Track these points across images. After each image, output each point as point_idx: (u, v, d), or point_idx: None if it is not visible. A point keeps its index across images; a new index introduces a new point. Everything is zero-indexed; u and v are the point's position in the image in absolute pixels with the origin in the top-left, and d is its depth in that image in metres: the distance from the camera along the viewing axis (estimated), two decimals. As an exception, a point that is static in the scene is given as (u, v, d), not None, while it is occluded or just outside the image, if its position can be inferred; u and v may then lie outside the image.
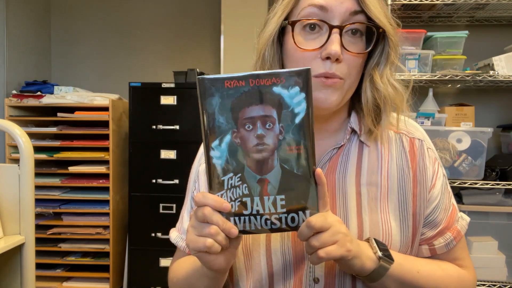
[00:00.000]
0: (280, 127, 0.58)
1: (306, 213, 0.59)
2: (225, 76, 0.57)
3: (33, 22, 3.08)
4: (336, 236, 0.60)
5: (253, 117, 0.57)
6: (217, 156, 0.59)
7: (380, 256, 0.66)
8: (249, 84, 0.57)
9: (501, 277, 2.02)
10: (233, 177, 0.59)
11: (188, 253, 0.82)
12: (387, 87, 0.71)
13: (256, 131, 0.58)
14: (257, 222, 0.60)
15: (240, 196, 0.59)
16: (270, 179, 0.59)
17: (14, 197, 1.39)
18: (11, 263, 1.40)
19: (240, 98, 0.57)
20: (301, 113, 0.57)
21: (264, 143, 0.58)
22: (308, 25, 0.69)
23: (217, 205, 0.58)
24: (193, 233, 0.60)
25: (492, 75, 1.98)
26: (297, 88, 0.57)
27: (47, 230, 2.70)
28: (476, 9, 2.21)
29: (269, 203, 0.59)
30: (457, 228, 0.77)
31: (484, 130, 2.00)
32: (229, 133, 0.58)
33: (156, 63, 3.24)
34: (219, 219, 0.58)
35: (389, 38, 0.70)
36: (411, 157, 0.75)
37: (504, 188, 2.01)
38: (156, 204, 2.61)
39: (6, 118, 2.65)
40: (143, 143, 2.65)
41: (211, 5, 3.15)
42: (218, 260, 0.61)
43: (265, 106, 0.57)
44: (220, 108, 0.57)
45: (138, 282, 2.68)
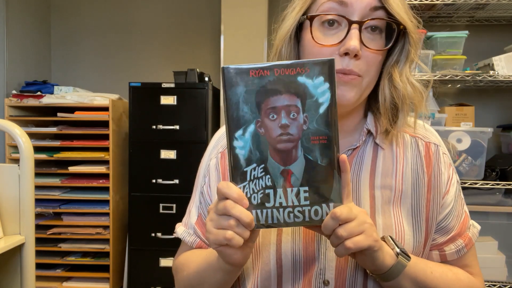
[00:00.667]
0: (304, 117, 0.57)
1: (330, 205, 0.58)
2: (250, 66, 0.57)
3: (33, 22, 3.08)
4: (363, 226, 0.59)
5: (277, 107, 0.57)
6: (240, 146, 0.58)
7: (398, 252, 0.66)
8: (274, 74, 0.56)
9: (501, 277, 2.02)
10: (256, 168, 0.58)
11: (196, 247, 0.81)
12: (406, 85, 0.70)
13: (280, 121, 0.57)
14: (280, 215, 0.58)
15: (263, 188, 0.58)
16: (294, 170, 0.58)
17: (14, 197, 1.38)
18: (11, 263, 1.40)
19: (265, 88, 0.57)
20: (325, 103, 0.57)
21: (288, 133, 0.57)
22: (327, 20, 0.67)
23: (239, 199, 0.57)
24: (212, 225, 0.59)
25: (492, 75, 1.98)
26: (322, 78, 0.57)
27: (47, 230, 2.70)
28: (476, 9, 2.21)
29: (292, 195, 0.58)
30: (469, 236, 0.77)
31: (484, 130, 2.00)
32: (253, 122, 0.57)
33: (156, 63, 3.24)
34: (238, 212, 0.57)
35: (409, 35, 0.69)
36: (426, 161, 0.74)
37: (504, 188, 2.01)
38: (156, 204, 2.61)
39: (6, 118, 2.65)
40: (143, 143, 2.65)
41: (211, 5, 3.15)
42: (237, 253, 0.60)
43: (289, 95, 0.57)
44: (245, 98, 0.57)
45: (138, 282, 2.68)
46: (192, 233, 0.81)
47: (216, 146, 0.82)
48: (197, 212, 0.82)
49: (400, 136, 0.75)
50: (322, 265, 0.70)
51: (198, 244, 0.80)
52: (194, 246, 0.81)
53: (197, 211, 0.82)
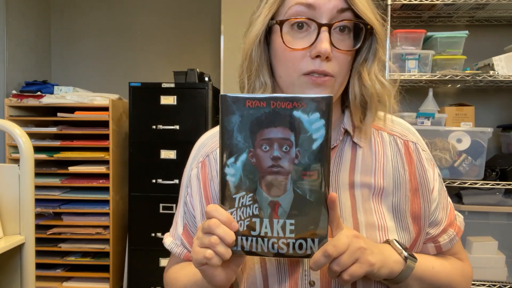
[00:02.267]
0: (296, 151, 0.57)
1: (315, 241, 0.58)
2: (247, 96, 0.57)
3: (33, 22, 3.08)
4: (355, 255, 0.59)
5: (271, 139, 0.57)
6: (231, 174, 0.58)
7: (406, 256, 0.66)
8: (270, 106, 0.57)
9: (501, 277, 2.03)
10: (245, 196, 0.59)
11: (184, 259, 0.82)
12: (375, 83, 0.71)
13: (272, 153, 0.57)
14: (264, 244, 0.59)
15: (249, 216, 0.59)
16: (282, 202, 0.58)
17: (14, 197, 1.38)
18: (11, 263, 1.40)
19: (260, 119, 0.57)
20: (319, 139, 0.57)
21: (279, 165, 0.58)
22: (296, 23, 0.68)
23: (227, 222, 0.58)
24: (197, 244, 0.60)
25: (492, 75, 1.99)
26: (318, 114, 0.56)
27: (47, 230, 2.70)
28: (476, 9, 2.21)
29: (278, 226, 0.59)
30: (458, 225, 0.80)
31: (484, 130, 2.00)
32: (245, 151, 0.58)
33: (156, 63, 3.24)
34: (222, 231, 0.57)
35: (376, 35, 0.70)
36: (407, 159, 0.75)
37: (504, 188, 2.01)
38: (156, 204, 2.61)
39: (6, 118, 2.65)
40: (143, 143, 2.65)
41: (211, 5, 3.15)
42: (218, 275, 0.60)
43: (283, 129, 0.57)
44: (239, 127, 0.57)
45: (138, 282, 2.68)
46: (180, 244, 0.82)
47: (196, 156, 0.82)
48: (183, 222, 0.82)
49: (378, 134, 0.76)
50: (306, 266, 0.70)
51: (185, 255, 0.81)
52: (182, 257, 0.81)
53: (182, 222, 0.82)
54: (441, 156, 1.99)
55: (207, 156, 0.80)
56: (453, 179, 2.01)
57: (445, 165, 2.00)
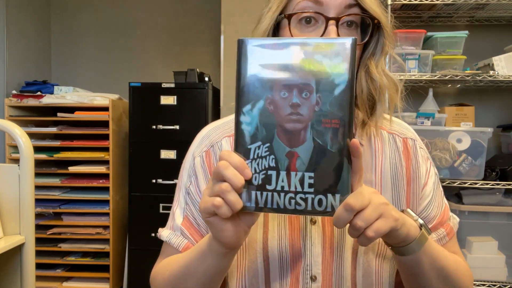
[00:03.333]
0: (317, 97, 0.53)
1: (336, 197, 0.54)
2: (266, 41, 0.55)
3: (33, 22, 3.08)
4: (379, 209, 0.55)
5: (290, 84, 0.54)
6: (247, 122, 0.55)
7: (422, 223, 0.64)
8: (290, 50, 0.54)
9: (501, 277, 2.02)
10: (261, 146, 0.55)
11: (182, 251, 0.75)
12: (382, 77, 0.71)
13: (291, 99, 0.54)
14: (281, 200, 0.54)
15: (265, 169, 0.55)
16: (300, 153, 0.54)
17: (14, 197, 1.38)
18: (11, 263, 1.40)
19: (279, 64, 0.54)
20: (341, 84, 0.53)
21: (299, 112, 0.53)
22: (304, 18, 0.69)
23: (239, 167, 0.53)
24: (206, 194, 0.56)
25: (492, 75, 1.98)
26: (340, 57, 0.53)
27: (47, 230, 2.70)
28: (476, 9, 2.21)
29: (295, 180, 0.54)
30: (450, 225, 0.79)
31: (484, 130, 2.00)
32: (262, 98, 0.54)
33: (156, 63, 3.24)
34: (231, 173, 0.53)
35: (384, 29, 0.71)
36: (404, 156, 0.77)
37: (504, 188, 2.00)
38: (156, 204, 2.61)
39: (6, 118, 2.65)
40: (143, 143, 2.65)
41: (211, 5, 3.14)
42: (228, 230, 0.56)
43: (304, 73, 0.53)
44: (257, 72, 0.54)
45: (138, 282, 2.68)
46: (179, 235, 0.78)
47: (200, 145, 0.80)
48: (183, 214, 0.78)
49: (378, 133, 0.77)
50: (308, 260, 0.71)
51: (185, 245, 0.76)
52: (180, 249, 0.76)
53: (182, 213, 0.78)
54: (441, 156, 1.99)
55: (212, 146, 0.78)
56: (453, 179, 2.01)
57: (445, 165, 2.00)
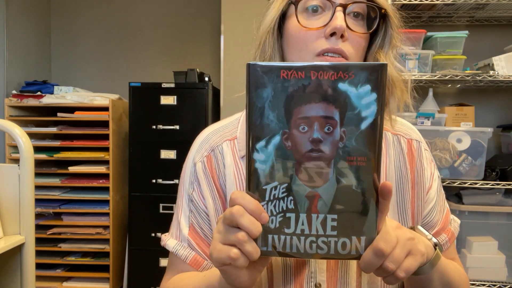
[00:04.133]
0: (341, 132, 0.48)
1: (362, 239, 0.49)
2: (281, 65, 0.48)
3: (33, 22, 3.08)
4: (407, 246, 0.51)
5: (310, 117, 0.48)
6: (261, 160, 0.49)
7: (436, 242, 0.61)
8: (310, 77, 0.47)
9: (501, 277, 2.02)
10: (278, 187, 0.49)
11: (189, 264, 0.73)
12: (393, 70, 0.70)
13: (312, 135, 0.48)
14: (300, 244, 0.50)
15: (283, 211, 0.50)
16: (322, 194, 0.49)
17: (14, 197, 1.38)
18: (11, 263, 1.40)
19: (297, 93, 0.47)
20: (369, 118, 0.48)
21: (320, 149, 0.48)
22: (311, 6, 0.68)
23: (256, 211, 0.49)
24: (218, 239, 0.51)
25: (492, 75, 1.98)
26: (368, 86, 0.47)
27: (47, 230, 2.70)
28: (476, 9, 2.21)
29: (317, 222, 0.50)
30: (451, 230, 0.78)
31: (484, 130, 2.00)
32: (279, 133, 0.49)
33: (156, 63, 3.24)
34: (247, 221, 0.48)
35: (391, 19, 0.70)
36: (409, 158, 0.75)
37: (504, 188, 2.00)
38: (156, 204, 2.61)
39: (6, 118, 2.65)
40: (143, 143, 2.65)
41: (211, 5, 3.15)
42: (243, 276, 0.52)
43: (326, 105, 0.48)
44: (272, 103, 0.48)
45: (138, 282, 2.68)
46: (187, 246, 0.73)
47: (199, 150, 0.76)
48: (188, 222, 0.74)
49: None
50: (312, 268, 0.69)
51: (193, 257, 0.73)
52: (188, 261, 0.73)
53: (187, 222, 0.74)
54: (441, 156, 1.99)
55: (212, 150, 0.75)
56: (453, 179, 2.01)
57: (445, 165, 2.00)
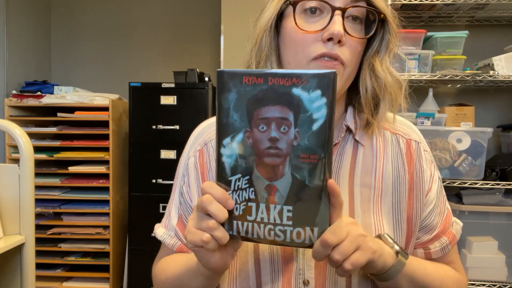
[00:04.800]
0: (295, 132, 0.54)
1: (314, 230, 0.55)
2: (243, 72, 0.54)
3: (33, 22, 3.08)
4: (356, 241, 0.56)
5: (268, 118, 0.54)
6: (227, 154, 0.56)
7: (398, 250, 0.64)
8: (268, 83, 0.53)
9: (501, 277, 2.02)
10: (241, 178, 0.56)
11: (176, 251, 0.79)
12: (387, 75, 0.70)
13: (269, 134, 0.54)
14: (260, 230, 0.56)
15: (245, 200, 0.56)
16: (279, 186, 0.55)
17: (14, 197, 1.38)
18: (11, 263, 1.40)
19: (257, 96, 0.54)
20: (320, 120, 0.53)
21: (277, 147, 0.54)
22: (309, 8, 0.68)
23: (222, 199, 0.55)
24: (192, 225, 0.57)
25: (492, 75, 1.98)
26: (319, 91, 0.52)
27: (47, 230, 2.70)
28: (476, 9, 2.21)
29: (275, 212, 0.55)
30: (453, 233, 0.77)
31: (484, 130, 2.00)
32: (241, 131, 0.55)
33: (156, 63, 3.24)
34: (215, 208, 0.54)
35: (389, 25, 0.70)
36: (407, 159, 0.74)
37: (504, 188, 2.00)
38: (156, 204, 2.61)
39: (6, 118, 2.65)
40: (143, 143, 2.65)
41: (211, 5, 3.15)
42: (214, 258, 0.58)
43: (282, 107, 0.53)
44: (236, 105, 0.54)
45: (138, 282, 2.68)
46: (173, 235, 0.79)
47: (194, 144, 0.80)
48: (177, 213, 0.79)
49: (380, 133, 0.75)
50: (301, 264, 0.69)
51: (179, 247, 0.79)
52: (174, 249, 0.79)
53: (177, 212, 0.79)
54: (441, 156, 1.99)
55: (205, 144, 0.78)
56: (453, 179, 2.01)
57: (445, 165, 2.00)
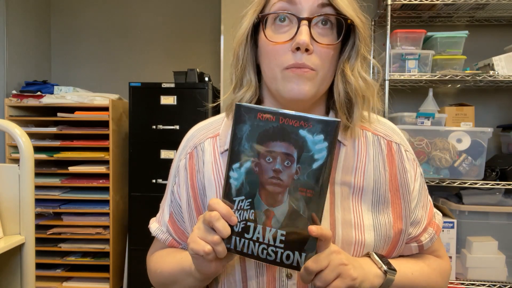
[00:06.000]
0: (297, 168, 0.60)
1: (302, 255, 0.61)
2: (259, 108, 0.60)
3: (33, 22, 3.08)
4: (337, 270, 0.61)
5: (275, 152, 0.60)
6: (234, 177, 0.62)
7: (386, 270, 0.69)
8: (279, 121, 0.60)
9: (501, 277, 2.03)
10: (244, 200, 0.62)
11: (168, 245, 0.86)
12: (358, 80, 0.71)
13: (274, 165, 0.61)
14: (255, 248, 0.62)
15: (245, 220, 0.62)
16: (276, 212, 0.61)
17: (14, 197, 1.38)
18: (11, 263, 1.40)
19: (268, 132, 0.60)
20: (319, 160, 0.59)
21: (279, 178, 0.60)
22: (278, 18, 0.70)
23: (227, 214, 0.61)
24: (197, 234, 0.63)
25: (492, 75, 1.99)
26: (322, 136, 0.59)
27: (47, 230, 2.70)
28: (476, 9, 2.22)
29: (269, 234, 0.62)
30: (436, 223, 0.81)
31: (484, 130, 2.00)
32: (250, 160, 0.61)
33: (156, 63, 3.24)
34: (221, 225, 0.61)
35: (358, 31, 0.71)
36: (388, 159, 0.77)
37: (504, 188, 2.01)
38: (156, 204, 2.59)
39: (6, 118, 2.65)
40: (143, 143, 2.65)
41: (211, 5, 3.15)
42: (209, 265, 0.64)
43: (288, 144, 0.60)
44: (248, 136, 0.61)
45: (138, 282, 2.68)
46: (165, 231, 0.86)
47: (185, 147, 0.84)
48: (169, 210, 0.86)
49: (362, 134, 0.77)
50: None
51: (170, 242, 0.85)
52: (166, 244, 0.86)
53: (169, 209, 0.86)
54: (441, 156, 1.99)
55: (195, 147, 0.82)
56: (453, 179, 2.01)
57: (445, 165, 2.00)
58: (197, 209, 0.79)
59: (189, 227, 0.81)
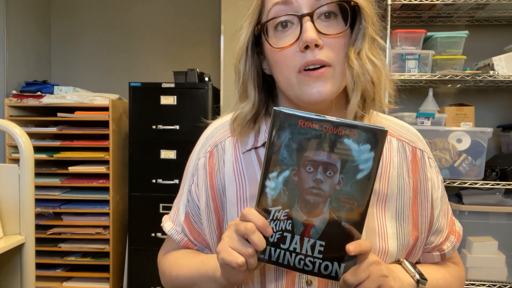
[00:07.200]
0: (340, 178, 0.57)
1: (341, 265, 0.60)
2: (300, 115, 0.56)
3: (33, 22, 3.08)
4: (378, 281, 0.60)
5: (317, 161, 0.57)
6: (271, 187, 0.59)
7: (418, 279, 0.67)
8: (322, 129, 0.56)
9: (501, 277, 2.03)
10: (281, 210, 0.59)
11: (183, 246, 0.82)
12: (366, 63, 0.66)
13: (315, 175, 0.57)
14: (291, 259, 0.60)
15: (282, 230, 0.60)
16: (316, 223, 0.59)
17: (14, 197, 1.38)
18: (11, 263, 1.40)
19: (309, 140, 0.57)
20: (364, 171, 0.57)
21: (320, 188, 0.58)
22: (279, 23, 0.67)
23: (262, 227, 0.59)
24: (229, 243, 0.60)
25: (492, 75, 1.99)
26: (368, 146, 0.56)
27: (47, 230, 2.70)
28: (476, 9, 2.21)
29: (308, 245, 0.60)
30: (457, 231, 0.80)
31: (484, 130, 2.00)
32: (289, 169, 0.58)
33: (156, 63, 3.24)
34: (257, 238, 0.59)
35: (363, 11, 0.67)
36: (412, 166, 0.74)
37: (504, 188, 2.01)
38: (156, 204, 2.60)
39: (6, 118, 2.65)
40: (143, 143, 2.65)
41: (211, 5, 3.15)
42: (239, 275, 0.62)
43: (331, 154, 0.56)
44: (288, 144, 0.57)
45: (138, 282, 2.68)
46: (180, 231, 0.82)
47: (204, 145, 0.80)
48: (185, 210, 0.81)
49: (387, 139, 0.74)
50: None
51: (185, 243, 0.82)
52: (181, 245, 0.82)
53: (184, 209, 0.81)
54: (441, 156, 1.99)
55: (216, 146, 0.78)
56: (453, 179, 2.01)
57: (445, 165, 2.00)
58: (216, 211, 0.76)
59: (207, 228, 0.78)
